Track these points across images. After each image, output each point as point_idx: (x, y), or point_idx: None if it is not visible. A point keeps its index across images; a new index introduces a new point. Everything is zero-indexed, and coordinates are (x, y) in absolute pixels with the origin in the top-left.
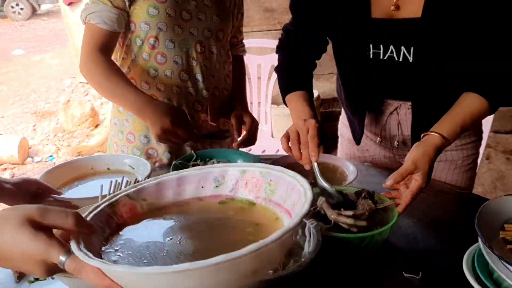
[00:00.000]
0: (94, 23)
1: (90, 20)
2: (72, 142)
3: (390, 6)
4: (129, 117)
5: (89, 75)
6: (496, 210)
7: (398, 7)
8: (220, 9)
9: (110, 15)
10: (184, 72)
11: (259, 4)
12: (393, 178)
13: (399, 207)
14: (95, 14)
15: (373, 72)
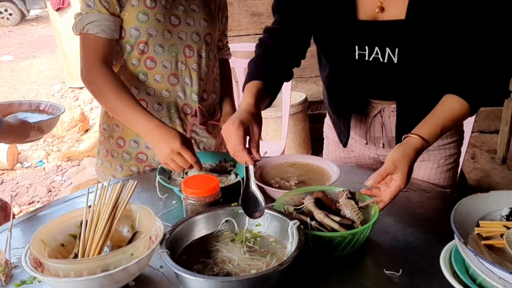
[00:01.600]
0: (93, 33)
1: (89, 30)
2: (62, 147)
3: (375, 8)
4: (119, 122)
5: (94, 88)
6: (471, 207)
7: (382, 9)
8: (207, 14)
9: (108, 24)
10: (173, 76)
11: (246, 8)
12: (374, 178)
13: (378, 205)
14: (94, 24)
15: (359, 73)
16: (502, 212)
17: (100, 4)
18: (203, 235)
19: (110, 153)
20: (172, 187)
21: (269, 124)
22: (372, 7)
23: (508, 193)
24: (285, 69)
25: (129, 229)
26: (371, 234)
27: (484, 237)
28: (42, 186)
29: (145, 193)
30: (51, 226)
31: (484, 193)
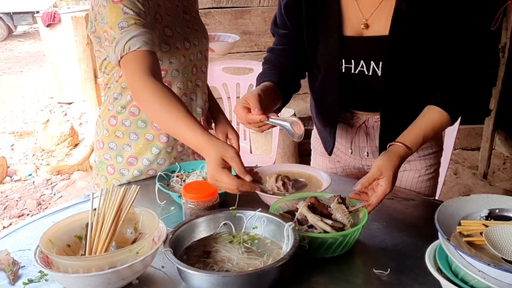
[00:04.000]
0: (137, 48)
1: (131, 47)
2: (51, 161)
3: (360, 25)
4: (131, 142)
5: (146, 106)
6: (453, 209)
7: (367, 26)
8: (204, 30)
9: (148, 36)
10: (185, 96)
11: (237, 27)
12: (361, 183)
13: (366, 209)
14: (134, 40)
15: (345, 84)
16: (481, 213)
17: (135, 23)
18: (203, 236)
19: (118, 171)
20: (170, 193)
21: (259, 139)
22: (358, 24)
23: (487, 196)
24: (291, 84)
25: (133, 230)
26: (361, 237)
27: (465, 234)
28: (32, 199)
29: (144, 199)
30: (58, 227)
31: (465, 196)
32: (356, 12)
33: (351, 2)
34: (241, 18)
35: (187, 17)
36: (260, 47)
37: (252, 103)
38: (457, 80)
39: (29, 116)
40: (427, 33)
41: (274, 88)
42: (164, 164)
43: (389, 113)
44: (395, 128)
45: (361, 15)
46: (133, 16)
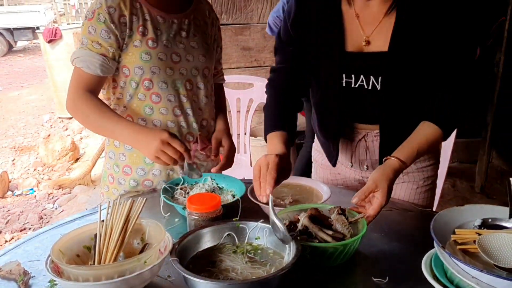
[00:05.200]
0: (79, 66)
1: (76, 64)
2: (52, 175)
3: (362, 42)
4: (125, 151)
5: (80, 113)
6: (448, 218)
7: (368, 42)
8: (205, 49)
9: (94, 61)
10: (177, 108)
11: (237, 43)
12: (358, 196)
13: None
14: (80, 59)
15: (345, 98)
16: (475, 222)
17: (92, 44)
18: (208, 247)
19: (116, 180)
20: (175, 205)
21: (259, 152)
22: (359, 41)
23: (481, 206)
24: (296, 104)
25: (139, 241)
26: (360, 247)
27: (459, 243)
28: (34, 214)
29: (148, 212)
30: (67, 238)
31: (460, 206)
32: (357, 29)
33: (353, 20)
34: (241, 35)
35: (184, 34)
36: (259, 63)
37: (269, 179)
38: (452, 95)
39: (30, 131)
40: (425, 50)
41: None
42: (160, 175)
43: (388, 126)
44: (394, 141)
45: (362, 32)
46: (94, 37)
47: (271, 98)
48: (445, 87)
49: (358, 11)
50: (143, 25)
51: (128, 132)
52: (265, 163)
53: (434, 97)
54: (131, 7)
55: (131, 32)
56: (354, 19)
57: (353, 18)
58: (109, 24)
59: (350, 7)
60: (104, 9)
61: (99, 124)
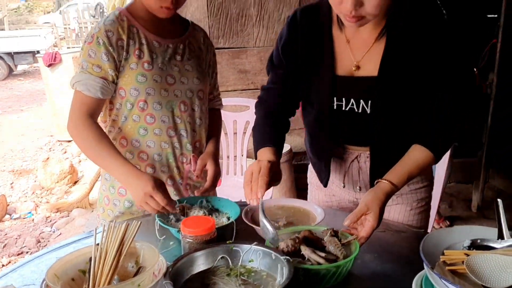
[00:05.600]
0: (80, 90)
1: (77, 87)
2: (50, 199)
3: (352, 66)
4: None
5: (79, 137)
6: (437, 239)
7: (358, 67)
8: (199, 72)
9: (94, 84)
10: (171, 129)
11: (233, 66)
12: (350, 219)
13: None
14: (81, 83)
15: (336, 121)
16: (464, 243)
17: (92, 68)
18: (201, 270)
19: (112, 201)
20: (169, 228)
21: None
22: (350, 65)
23: (470, 227)
24: (284, 125)
25: (134, 264)
26: (353, 268)
27: (448, 263)
28: (31, 237)
29: (144, 235)
30: (63, 262)
31: (449, 227)
32: (348, 55)
33: (344, 46)
34: (238, 58)
35: (178, 58)
36: (256, 85)
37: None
38: (442, 119)
39: (28, 154)
40: (414, 75)
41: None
42: None
43: (378, 149)
44: (385, 163)
45: (352, 57)
46: (94, 61)
47: (260, 118)
48: (435, 111)
49: (349, 36)
50: (139, 49)
51: (121, 172)
52: (257, 168)
53: (424, 120)
54: (129, 31)
55: (127, 55)
56: (345, 44)
57: (344, 43)
58: (108, 47)
59: (341, 32)
60: (103, 33)
61: (96, 154)
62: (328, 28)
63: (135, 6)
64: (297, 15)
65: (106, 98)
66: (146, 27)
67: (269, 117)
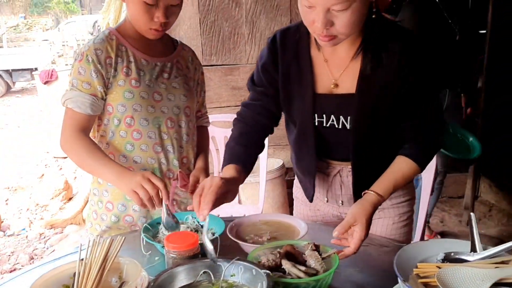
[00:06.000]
0: (70, 107)
1: (68, 105)
2: (45, 215)
3: (331, 84)
4: (108, 188)
5: (72, 152)
6: (412, 253)
7: (337, 85)
8: (186, 90)
9: (84, 101)
10: (157, 145)
11: (226, 83)
12: (338, 230)
13: (343, 254)
14: (71, 100)
15: (318, 137)
16: (438, 256)
17: (81, 85)
18: (184, 284)
19: (99, 216)
20: (155, 244)
21: (248, 189)
22: (328, 83)
23: (444, 240)
24: (257, 145)
25: (117, 279)
26: (335, 282)
27: (421, 276)
28: (25, 254)
29: (130, 251)
30: (47, 277)
31: (424, 241)
32: (326, 73)
33: (322, 64)
34: (230, 75)
35: (166, 76)
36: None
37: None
38: (419, 132)
39: (24, 170)
40: (389, 91)
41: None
42: (140, 211)
43: (359, 163)
44: (366, 177)
45: (331, 76)
46: (83, 78)
47: (234, 137)
48: (412, 124)
49: (327, 56)
50: (127, 66)
51: (114, 174)
52: (208, 184)
53: (403, 133)
54: (117, 50)
55: (115, 73)
56: (323, 63)
57: (322, 62)
58: (96, 64)
59: (319, 52)
60: (92, 51)
61: (89, 163)
62: (307, 48)
63: (125, 27)
64: (277, 37)
65: (96, 114)
66: (135, 46)
67: (243, 137)
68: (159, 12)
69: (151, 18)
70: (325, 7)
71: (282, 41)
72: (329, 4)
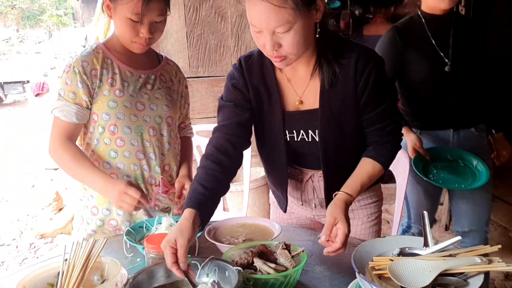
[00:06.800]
0: (57, 116)
1: (55, 114)
2: (35, 225)
3: (296, 102)
4: (93, 193)
5: (59, 159)
6: (369, 248)
7: (302, 102)
8: (169, 100)
9: (70, 110)
10: (140, 152)
11: (213, 94)
12: (325, 234)
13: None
14: (58, 109)
15: (290, 150)
16: (394, 251)
17: (68, 95)
18: (161, 283)
19: (85, 220)
20: (136, 245)
21: (234, 198)
22: (294, 101)
23: (400, 237)
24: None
25: (99, 277)
26: (304, 280)
27: (376, 269)
28: (14, 264)
29: (114, 253)
30: (32, 275)
31: (381, 237)
32: (291, 92)
33: (286, 84)
34: (217, 86)
35: (149, 87)
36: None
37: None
38: (379, 135)
39: (15, 181)
40: (349, 103)
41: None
42: (123, 215)
43: (329, 170)
44: (337, 181)
45: (295, 94)
46: (70, 88)
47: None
48: (374, 130)
49: (289, 76)
50: (112, 77)
51: (99, 183)
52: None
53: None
54: (103, 62)
55: (101, 83)
56: (287, 83)
57: (286, 82)
58: (82, 75)
59: (281, 73)
60: (79, 63)
61: (76, 172)
62: (272, 70)
63: (112, 41)
64: (242, 62)
65: (81, 123)
66: (120, 59)
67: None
68: (143, 28)
69: (136, 34)
70: (270, 30)
71: (247, 66)
72: (272, 27)
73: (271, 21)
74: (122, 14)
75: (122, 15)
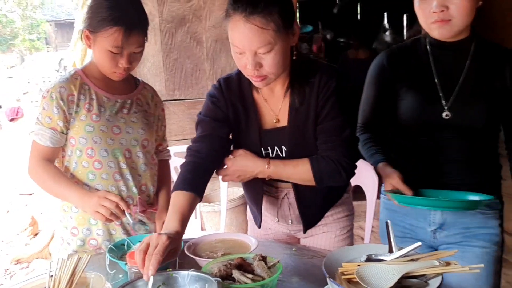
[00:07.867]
0: (34, 139)
1: (32, 137)
2: (10, 251)
3: (273, 120)
4: (73, 214)
5: (38, 178)
6: (339, 256)
7: (278, 120)
8: (145, 124)
9: (44, 134)
10: (117, 174)
11: (190, 116)
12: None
13: None
14: (34, 133)
15: None
16: (361, 258)
17: (44, 119)
18: None
19: (66, 241)
20: (118, 262)
21: (211, 218)
22: (271, 119)
23: (367, 245)
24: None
25: None
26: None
27: (345, 274)
28: None
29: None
30: None
31: (350, 246)
32: (268, 111)
33: (263, 104)
34: (193, 108)
35: (125, 111)
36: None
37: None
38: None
39: None
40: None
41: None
42: (103, 234)
43: (298, 185)
44: (307, 197)
45: (272, 113)
46: (46, 113)
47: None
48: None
49: (265, 96)
50: (89, 103)
51: (77, 196)
52: (155, 243)
53: None
54: (80, 88)
55: (78, 109)
56: (264, 103)
57: (263, 102)
58: (59, 101)
59: (258, 93)
60: (57, 88)
61: (55, 190)
62: (249, 91)
63: (90, 67)
64: (221, 83)
65: (56, 146)
66: (97, 85)
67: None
68: (123, 59)
69: (115, 64)
70: (252, 51)
71: (226, 86)
72: (254, 47)
73: (254, 42)
74: (102, 46)
75: (101, 46)
